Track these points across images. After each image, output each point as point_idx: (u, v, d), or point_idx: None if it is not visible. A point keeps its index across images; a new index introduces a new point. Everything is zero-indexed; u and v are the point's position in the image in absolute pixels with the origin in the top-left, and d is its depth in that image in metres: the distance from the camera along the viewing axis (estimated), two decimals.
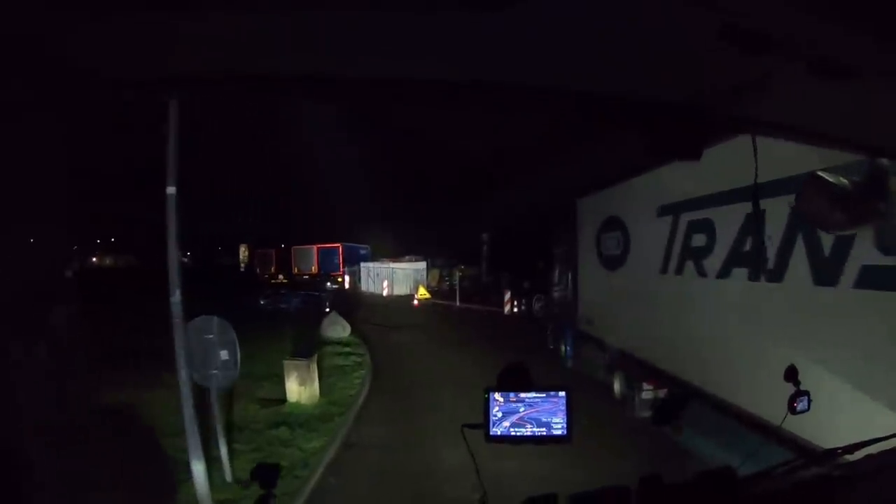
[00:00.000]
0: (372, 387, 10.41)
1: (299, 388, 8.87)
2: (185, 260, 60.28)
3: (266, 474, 1.68)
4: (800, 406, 2.04)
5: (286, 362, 8.91)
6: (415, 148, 27.52)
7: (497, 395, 1.72)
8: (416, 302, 24.49)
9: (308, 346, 12.43)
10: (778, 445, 3.59)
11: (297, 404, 8.83)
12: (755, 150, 1.85)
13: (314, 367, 9.12)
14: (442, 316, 20.95)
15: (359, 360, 12.40)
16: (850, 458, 1.90)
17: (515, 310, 20.05)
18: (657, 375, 7.42)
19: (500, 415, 1.71)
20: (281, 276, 40.29)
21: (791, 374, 2.05)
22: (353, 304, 24.56)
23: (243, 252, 52.26)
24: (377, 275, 31.14)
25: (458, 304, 23.22)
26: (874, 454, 1.89)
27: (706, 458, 5.45)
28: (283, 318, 18.92)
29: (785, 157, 3.20)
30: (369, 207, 37.48)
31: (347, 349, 13.54)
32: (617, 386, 8.61)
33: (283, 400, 8.93)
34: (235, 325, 6.25)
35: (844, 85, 1.27)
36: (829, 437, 2.70)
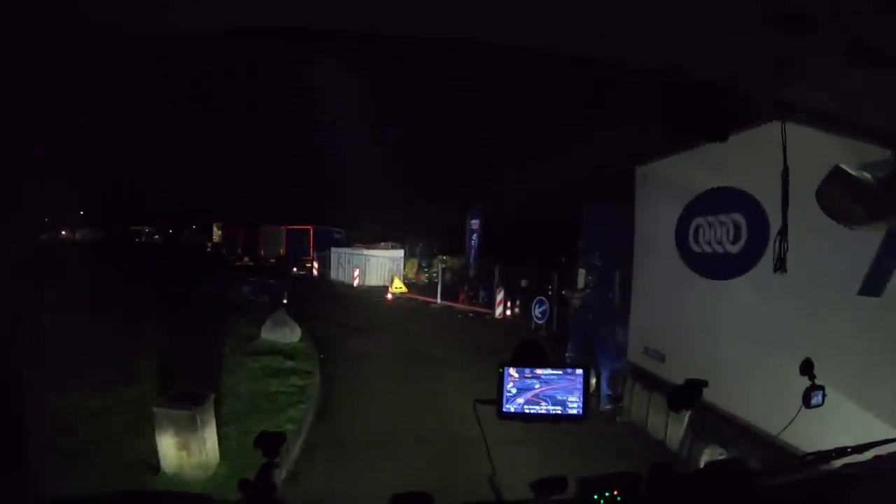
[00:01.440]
0: (312, 437, 6.85)
1: (180, 453, 5.26)
2: (157, 237, 58.92)
3: (269, 443, 1.65)
4: (814, 400, 2.06)
5: (157, 411, 5.27)
6: (400, 117, 23.74)
7: (512, 371, 1.68)
8: (389, 296, 20.89)
9: (216, 367, 8.81)
10: None
11: (175, 478, 5.25)
12: (784, 136, 1.83)
13: (208, 416, 5.51)
14: (419, 316, 17.41)
15: (302, 383, 8.80)
16: (859, 457, 1.88)
17: (508, 312, 16.60)
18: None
19: (514, 391, 1.67)
20: (247, 259, 36.76)
21: (806, 368, 2.05)
22: (317, 296, 21.03)
23: (217, 231, 49.48)
24: (348, 262, 27.38)
25: (438, 300, 19.63)
26: (883, 455, 1.87)
27: None
28: (223, 312, 15.23)
29: None
30: (347, 186, 33.95)
31: (290, 364, 9.92)
32: None
33: (159, 467, 5.35)
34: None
35: (881, 74, 1.31)
36: None
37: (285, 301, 18.28)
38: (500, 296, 16.56)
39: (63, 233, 48.85)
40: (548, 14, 1.20)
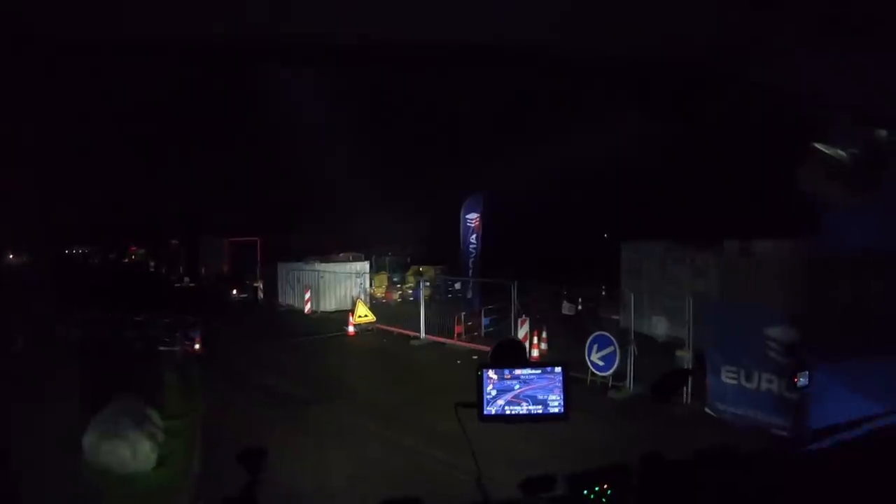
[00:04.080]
0: None
1: None
2: (96, 260, 52.81)
3: (252, 460, 1.60)
4: (800, 381, 1.96)
5: None
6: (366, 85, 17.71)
7: (491, 372, 1.65)
8: (351, 328, 14.69)
9: None
10: None
11: None
12: (764, 114, 1.90)
13: None
14: (399, 367, 11.35)
15: None
16: (842, 439, 1.88)
17: (536, 353, 10.63)
18: None
19: (494, 392, 1.65)
20: (187, 279, 31.91)
21: (792, 351, 2.15)
22: (249, 333, 14.71)
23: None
24: (298, 280, 20.95)
25: (422, 335, 13.47)
26: (878, 429, 1.88)
27: None
28: (84, 379, 8.94)
29: None
30: (308, 189, 28.00)
31: None
32: None
33: None
34: None
35: (857, 46, 1.31)
36: None
37: (197, 346, 12.35)
38: (523, 329, 10.62)
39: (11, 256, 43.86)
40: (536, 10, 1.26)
